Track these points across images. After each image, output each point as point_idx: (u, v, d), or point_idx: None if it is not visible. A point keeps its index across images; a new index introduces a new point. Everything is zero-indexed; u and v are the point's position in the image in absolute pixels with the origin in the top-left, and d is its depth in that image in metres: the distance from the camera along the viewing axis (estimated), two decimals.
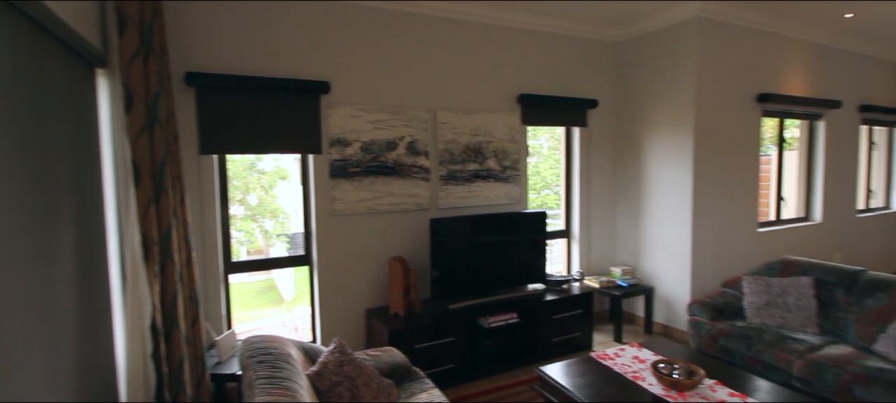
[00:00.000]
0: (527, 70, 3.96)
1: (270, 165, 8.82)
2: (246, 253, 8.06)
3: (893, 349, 2.65)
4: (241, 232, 8.18)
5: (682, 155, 3.87)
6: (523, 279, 3.76)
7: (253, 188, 9.00)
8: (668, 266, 4.06)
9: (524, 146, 4.03)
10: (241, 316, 6.38)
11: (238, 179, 8.59)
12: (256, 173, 9.06)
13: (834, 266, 3.24)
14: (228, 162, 3.14)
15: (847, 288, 3.08)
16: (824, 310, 3.12)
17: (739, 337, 3.06)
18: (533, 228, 3.74)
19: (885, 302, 2.86)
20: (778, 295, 3.24)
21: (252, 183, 9.15)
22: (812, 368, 2.66)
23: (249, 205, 9.03)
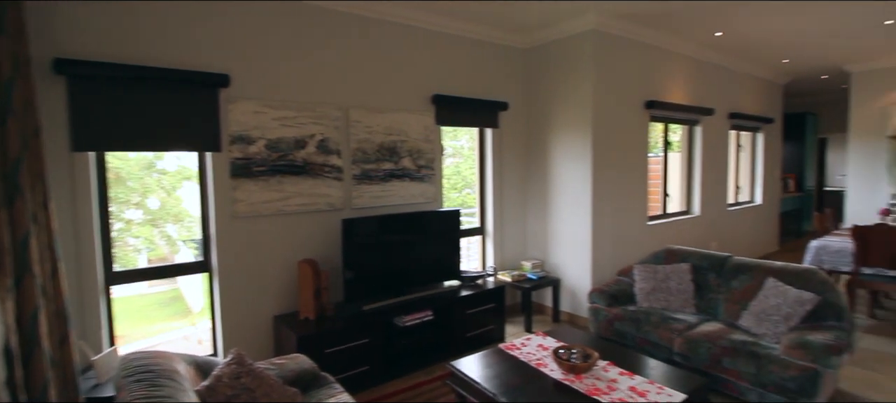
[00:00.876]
0: (441, 71, 4.02)
1: (173, 164, 8.21)
2: (147, 261, 7.43)
3: (753, 323, 3.07)
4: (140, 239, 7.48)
5: (582, 155, 4.16)
6: (439, 276, 3.81)
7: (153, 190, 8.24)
8: (572, 258, 4.35)
9: (439, 146, 4.08)
10: (139, 331, 5.75)
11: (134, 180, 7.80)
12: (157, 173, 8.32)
13: (707, 253, 3.68)
14: (120, 160, 2.82)
15: (717, 271, 3.52)
16: (700, 292, 3.53)
17: (631, 321, 3.36)
18: (447, 226, 3.81)
19: (747, 283, 3.31)
20: (662, 280, 3.61)
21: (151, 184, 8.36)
22: (689, 344, 3.00)
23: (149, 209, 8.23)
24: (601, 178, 4.20)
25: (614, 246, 4.39)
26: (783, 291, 3.03)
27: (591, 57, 4.05)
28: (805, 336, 2.66)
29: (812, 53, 5.64)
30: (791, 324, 2.88)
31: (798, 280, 3.07)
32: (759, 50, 5.39)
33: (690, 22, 4.27)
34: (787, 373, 2.57)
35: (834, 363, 2.54)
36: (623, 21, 4.12)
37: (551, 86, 4.41)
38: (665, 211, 5.26)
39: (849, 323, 2.82)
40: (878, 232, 3.86)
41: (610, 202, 4.32)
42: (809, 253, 4.34)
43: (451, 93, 4.06)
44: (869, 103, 6.28)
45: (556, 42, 4.33)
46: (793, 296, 2.96)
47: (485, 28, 4.19)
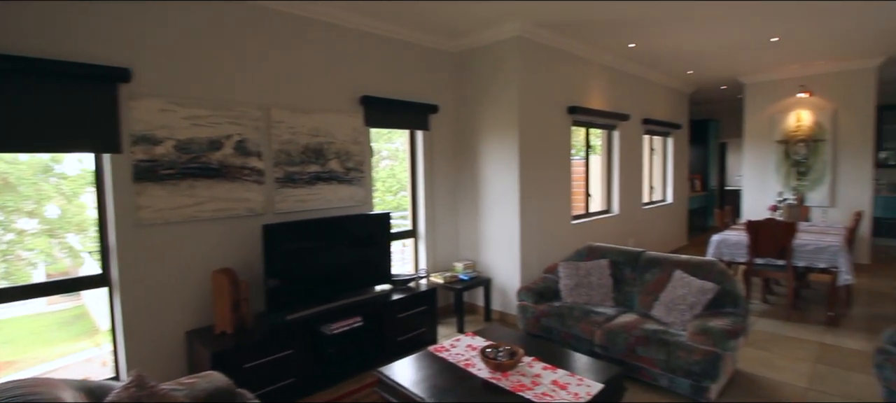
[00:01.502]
0: (370, 72, 3.95)
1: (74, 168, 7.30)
2: (45, 276, 6.55)
3: (664, 313, 3.31)
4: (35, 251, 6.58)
5: (510, 157, 4.28)
6: (369, 281, 3.73)
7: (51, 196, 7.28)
8: (502, 258, 4.45)
9: (368, 148, 4.00)
10: (33, 356, 5.06)
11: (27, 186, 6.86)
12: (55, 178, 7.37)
13: (624, 249, 3.92)
14: (8, 164, 2.47)
15: (633, 266, 3.76)
16: (618, 286, 3.75)
17: (556, 316, 3.50)
18: (378, 229, 3.74)
19: (658, 275, 3.57)
20: (584, 276, 3.79)
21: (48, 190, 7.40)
22: (608, 336, 3.17)
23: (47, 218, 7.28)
24: (528, 180, 4.34)
25: (541, 245, 4.56)
26: (688, 282, 3.29)
27: (516, 63, 4.17)
28: (707, 323, 2.91)
29: (712, 66, 6.23)
30: (695, 312, 3.13)
31: (701, 271, 3.35)
32: (668, 61, 5.86)
33: (606, 34, 4.54)
34: (692, 358, 2.79)
35: (731, 345, 2.80)
36: (545, 29, 4.29)
37: (480, 90, 4.49)
38: (588, 211, 5.55)
39: (744, 309, 3.12)
40: (768, 225, 4.33)
41: (537, 202, 4.47)
42: (711, 246, 4.77)
43: (381, 94, 4.00)
44: (760, 111, 7.05)
45: (484, 47, 4.42)
46: (696, 287, 3.23)
47: (414, 31, 4.18)
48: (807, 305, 4.75)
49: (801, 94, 6.54)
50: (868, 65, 6.05)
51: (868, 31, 4.78)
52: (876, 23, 4.49)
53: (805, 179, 6.65)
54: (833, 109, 6.41)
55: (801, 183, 6.67)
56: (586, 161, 5.49)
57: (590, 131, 5.55)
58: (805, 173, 6.65)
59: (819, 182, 6.54)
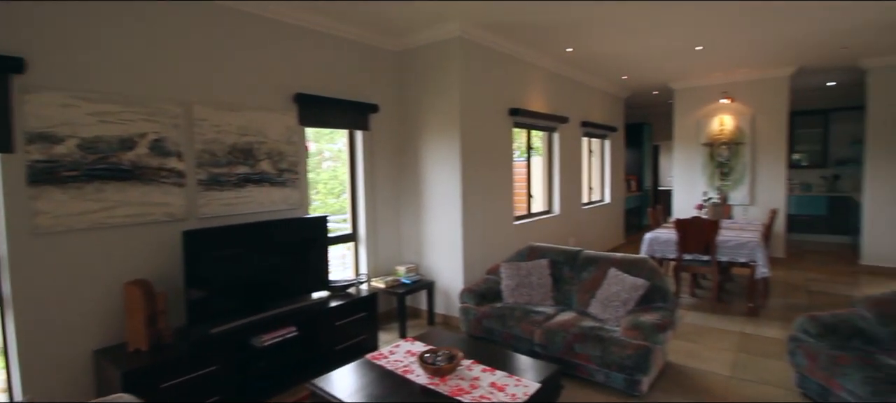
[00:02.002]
0: (305, 69, 3.78)
1: None
2: None
3: (600, 310, 3.39)
4: None
5: (452, 158, 4.25)
6: (304, 288, 3.55)
7: None
8: (445, 260, 4.41)
9: (304, 148, 3.83)
10: None
11: None
12: None
13: (563, 248, 3.99)
14: None
15: (571, 265, 3.84)
16: (557, 285, 3.81)
17: (497, 317, 3.50)
18: (314, 234, 3.58)
19: (595, 274, 3.66)
20: (525, 276, 3.82)
21: None
22: (547, 334, 3.21)
23: None
24: (471, 181, 4.33)
25: (485, 246, 4.56)
26: (622, 279, 3.40)
27: (458, 63, 4.15)
28: (639, 318, 3.01)
29: (645, 71, 6.55)
30: (628, 308, 3.24)
31: (634, 268, 3.47)
32: (604, 66, 6.09)
33: (545, 37, 4.63)
34: (625, 352, 2.87)
35: (661, 339, 2.91)
36: (485, 31, 4.31)
37: (422, 90, 4.44)
38: (530, 211, 5.64)
39: (672, 303, 3.26)
40: (694, 223, 4.58)
41: (480, 203, 4.47)
42: (644, 244, 4.99)
43: (317, 92, 3.84)
44: (688, 116, 7.49)
45: (425, 47, 4.36)
46: (629, 283, 3.34)
47: (353, 28, 4.05)
48: (730, 297, 5.07)
49: (723, 100, 7.02)
50: (782, 74, 6.59)
51: (781, 43, 5.19)
52: (787, 35, 4.89)
53: (728, 179, 7.14)
54: (752, 114, 6.92)
55: (725, 183, 7.16)
56: (528, 162, 5.58)
57: (531, 133, 5.65)
58: (728, 174, 7.14)
59: (740, 182, 7.05)
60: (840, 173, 8.43)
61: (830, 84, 7.79)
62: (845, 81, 7.49)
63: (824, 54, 5.74)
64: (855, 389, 2.42)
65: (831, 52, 5.68)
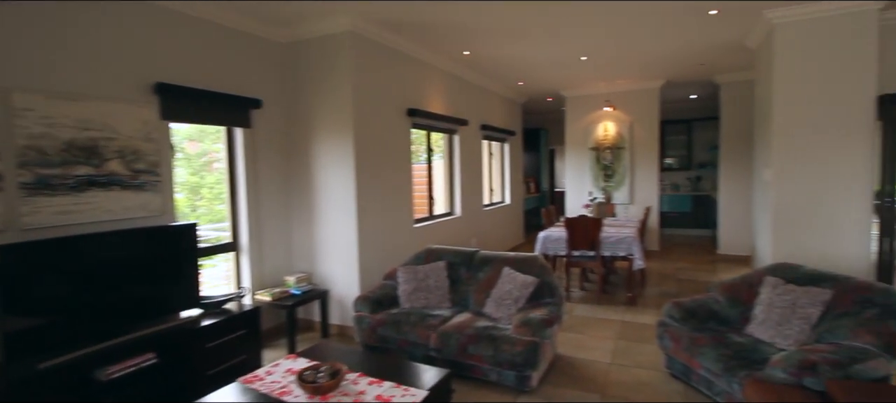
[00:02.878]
0: (170, 55, 3.32)
1: None
2: None
3: (494, 309, 3.41)
4: None
5: (345, 159, 4.03)
6: (169, 307, 3.10)
7: None
8: (340, 267, 4.17)
9: (168, 145, 3.36)
10: None
11: None
12: None
13: (460, 249, 3.98)
14: None
15: (468, 266, 3.83)
16: (454, 286, 3.77)
17: (392, 324, 3.36)
18: (180, 245, 3.14)
19: (490, 273, 3.68)
20: (422, 279, 3.73)
21: None
22: (442, 338, 3.14)
23: None
24: (366, 183, 4.15)
25: (382, 251, 4.40)
26: (514, 277, 3.46)
27: (350, 59, 3.96)
28: (528, 315, 3.06)
29: (539, 78, 6.87)
30: (519, 306, 3.29)
31: (525, 266, 3.55)
32: (501, 71, 6.27)
33: (440, 38, 4.62)
34: (515, 349, 2.89)
35: (548, 333, 2.99)
36: (379, 27, 4.16)
37: (312, 86, 4.16)
38: (431, 213, 5.60)
39: (559, 298, 3.38)
40: (581, 222, 4.85)
41: (377, 206, 4.31)
42: (538, 242, 5.20)
43: (186, 83, 3.40)
44: (577, 122, 8.03)
45: (315, 40, 4.10)
46: (520, 281, 3.40)
47: (231, 14, 3.66)
48: (614, 289, 5.47)
49: (606, 108, 7.63)
50: (653, 85, 7.32)
51: (651, 58, 5.74)
52: (655, 50, 5.41)
53: (611, 181, 7.77)
54: (630, 122, 7.61)
55: (609, 184, 7.78)
56: (429, 164, 5.54)
57: (431, 135, 5.62)
58: (611, 176, 7.77)
59: (622, 183, 7.70)
60: (701, 175, 9.63)
61: (692, 97, 8.87)
62: (704, 95, 8.56)
63: (686, 70, 6.48)
64: (710, 366, 2.67)
65: (692, 69, 6.42)
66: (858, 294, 2.52)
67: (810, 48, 3.89)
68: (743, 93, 6.71)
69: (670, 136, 9.67)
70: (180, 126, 3.57)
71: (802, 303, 2.66)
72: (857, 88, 3.75)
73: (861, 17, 3.71)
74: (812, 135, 3.91)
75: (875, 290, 2.48)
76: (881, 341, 2.23)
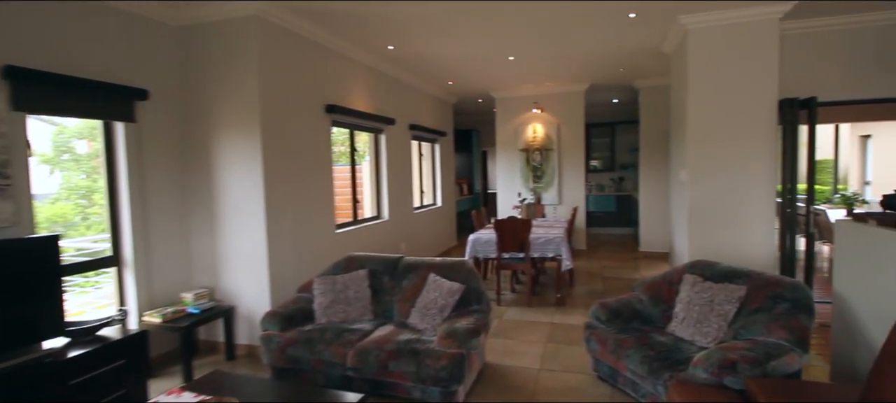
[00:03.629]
0: (24, 34, 2.73)
1: None
2: None
3: (419, 319, 3.17)
4: None
5: (251, 159, 3.61)
6: (23, 337, 2.54)
7: None
8: (248, 280, 3.73)
9: (23, 142, 2.77)
10: None
11: None
12: None
13: (383, 257, 3.70)
14: None
15: (391, 274, 3.56)
16: (376, 297, 3.49)
17: (305, 343, 3.00)
18: (37, 261, 2.58)
19: (415, 281, 3.44)
20: (341, 290, 3.41)
21: None
22: (360, 355, 2.84)
23: None
24: (278, 186, 3.75)
25: (299, 260, 4.01)
26: (440, 285, 3.24)
27: (256, 48, 3.55)
28: (454, 325, 2.86)
29: (468, 78, 6.76)
30: (445, 315, 3.08)
31: (452, 272, 3.35)
32: (429, 69, 6.07)
33: (361, 29, 4.32)
34: (439, 364, 2.67)
35: (474, 344, 2.80)
36: (288, 13, 3.78)
37: (213, 76, 3.69)
38: (356, 218, 5.26)
39: (487, 304, 3.22)
40: (510, 224, 4.76)
41: (291, 211, 3.91)
42: (469, 245, 5.05)
43: (45, 67, 2.82)
44: (507, 123, 8.04)
45: (215, 24, 3.63)
46: (446, 288, 3.19)
47: None
48: (544, 289, 5.46)
49: (535, 110, 7.70)
50: (579, 88, 7.49)
51: (576, 60, 5.82)
52: (581, 53, 5.48)
53: (541, 182, 7.86)
54: (557, 124, 7.74)
55: (538, 185, 7.86)
56: (353, 165, 5.19)
57: (355, 134, 5.28)
58: (541, 177, 7.86)
59: (550, 184, 7.81)
60: (624, 176, 10.08)
61: (615, 101, 9.24)
62: (625, 99, 8.95)
63: (609, 74, 6.68)
64: (635, 368, 2.61)
65: (613, 73, 6.63)
66: (770, 289, 2.57)
67: (720, 54, 4.06)
68: (660, 97, 7.05)
69: (595, 139, 10.04)
70: (57, 120, 2.98)
71: (719, 300, 2.68)
72: (762, 93, 3.97)
73: (764, 25, 3.93)
74: (723, 137, 4.09)
75: (784, 285, 2.55)
76: (793, 336, 2.27)
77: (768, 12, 3.88)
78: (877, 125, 8.85)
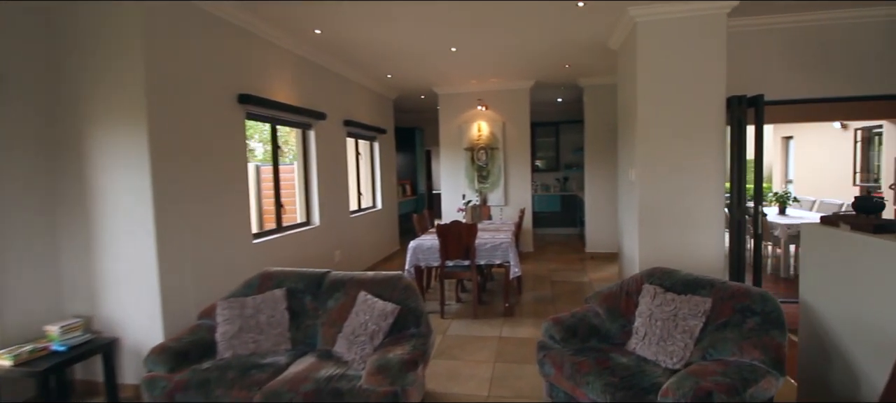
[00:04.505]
0: None
1: None
2: None
3: (346, 348, 2.67)
4: None
5: (136, 160, 2.94)
6: None
7: None
8: (134, 305, 3.05)
9: None
10: None
11: None
12: None
13: (305, 272, 3.15)
14: None
15: (314, 293, 3.03)
16: (296, 321, 2.94)
17: (199, 386, 2.41)
18: None
19: (342, 301, 2.93)
20: (252, 315, 2.84)
21: None
22: (270, 398, 2.30)
23: None
24: (171, 191, 3.09)
25: (203, 279, 3.37)
26: (371, 305, 2.76)
27: (139, 24, 2.88)
28: (386, 356, 2.39)
29: (408, 71, 6.29)
30: (376, 342, 2.60)
31: (386, 289, 2.88)
32: (365, 59, 5.54)
33: (279, 7, 3.73)
34: None
35: (411, 379, 2.34)
36: None
37: (85, 57, 2.97)
38: (280, 225, 4.62)
39: (426, 326, 2.77)
40: (454, 228, 4.36)
41: (191, 221, 3.26)
42: (409, 253, 4.59)
43: None
44: (451, 121, 7.65)
45: None
46: (378, 310, 2.71)
47: None
48: (491, 297, 5.11)
49: (479, 107, 7.38)
50: (524, 86, 7.25)
51: (520, 54, 5.52)
52: (527, 47, 5.19)
53: (486, 182, 7.55)
54: (503, 122, 7.45)
55: (484, 185, 7.55)
56: (275, 164, 4.55)
57: (281, 130, 4.65)
58: (486, 177, 7.55)
59: (496, 184, 7.52)
60: (568, 175, 10.03)
61: (559, 100, 9.14)
62: (569, 98, 8.86)
63: (554, 71, 6.46)
64: (597, 398, 2.28)
65: (559, 70, 6.42)
66: (737, 301, 2.33)
67: (669, 48, 3.88)
68: (605, 96, 6.95)
69: (540, 138, 9.91)
70: None
71: (683, 314, 2.41)
72: (711, 90, 3.82)
73: (712, 20, 3.78)
74: (673, 135, 3.91)
75: (752, 296, 2.31)
76: (768, 355, 2.02)
77: (716, 7, 3.74)
78: (798, 127, 9.38)
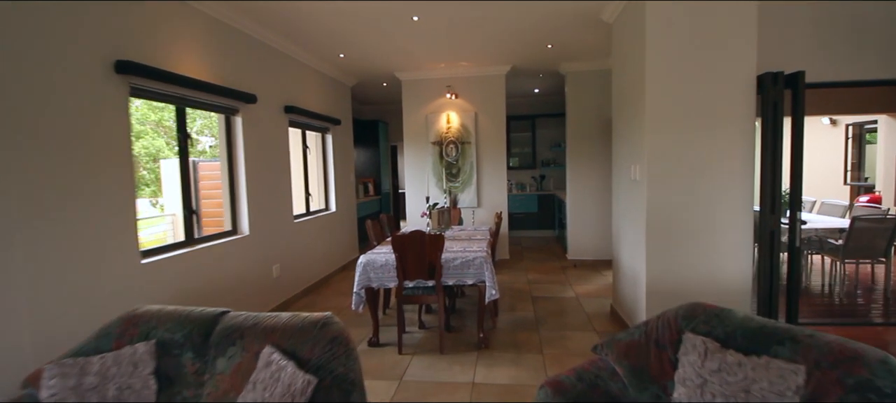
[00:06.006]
0: None
1: None
2: None
3: None
4: None
5: None
6: None
7: None
8: None
9: None
10: None
11: None
12: None
13: (189, 314, 2.15)
14: None
15: (198, 347, 2.03)
16: (167, 392, 1.95)
17: None
18: None
19: (239, 360, 1.95)
20: (96, 386, 1.84)
21: None
22: None
23: None
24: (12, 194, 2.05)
25: (49, 322, 2.32)
26: (278, 370, 1.80)
27: None
28: None
29: (365, 50, 5.31)
30: None
31: (303, 342, 1.91)
32: (310, 31, 4.53)
33: None
34: None
35: None
36: None
37: None
38: (192, 236, 3.57)
39: None
40: (415, 240, 3.43)
41: (26, 234, 2.21)
42: (358, 271, 3.62)
43: None
44: (416, 111, 6.71)
45: None
46: (287, 379, 1.75)
47: None
48: (461, 321, 4.21)
49: (448, 95, 6.47)
50: (499, 72, 6.39)
51: (496, 34, 4.65)
52: (503, 21, 4.32)
53: (456, 181, 6.65)
54: (475, 113, 6.57)
55: (454, 184, 6.64)
56: (183, 156, 3.50)
57: (187, 112, 3.60)
58: (456, 174, 6.65)
59: (468, 183, 6.63)
60: (545, 174, 9.25)
61: (536, 91, 8.34)
62: (547, 89, 8.06)
63: (534, 52, 5.62)
64: None
65: (539, 52, 5.59)
66: (844, 369, 1.50)
67: (685, 18, 3.07)
68: (589, 83, 6.17)
69: (515, 133, 9.10)
70: None
71: (761, 390, 1.56)
72: (737, 69, 3.03)
73: None
74: (689, 127, 3.11)
75: (870, 363, 1.48)
76: None
77: None
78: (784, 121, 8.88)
